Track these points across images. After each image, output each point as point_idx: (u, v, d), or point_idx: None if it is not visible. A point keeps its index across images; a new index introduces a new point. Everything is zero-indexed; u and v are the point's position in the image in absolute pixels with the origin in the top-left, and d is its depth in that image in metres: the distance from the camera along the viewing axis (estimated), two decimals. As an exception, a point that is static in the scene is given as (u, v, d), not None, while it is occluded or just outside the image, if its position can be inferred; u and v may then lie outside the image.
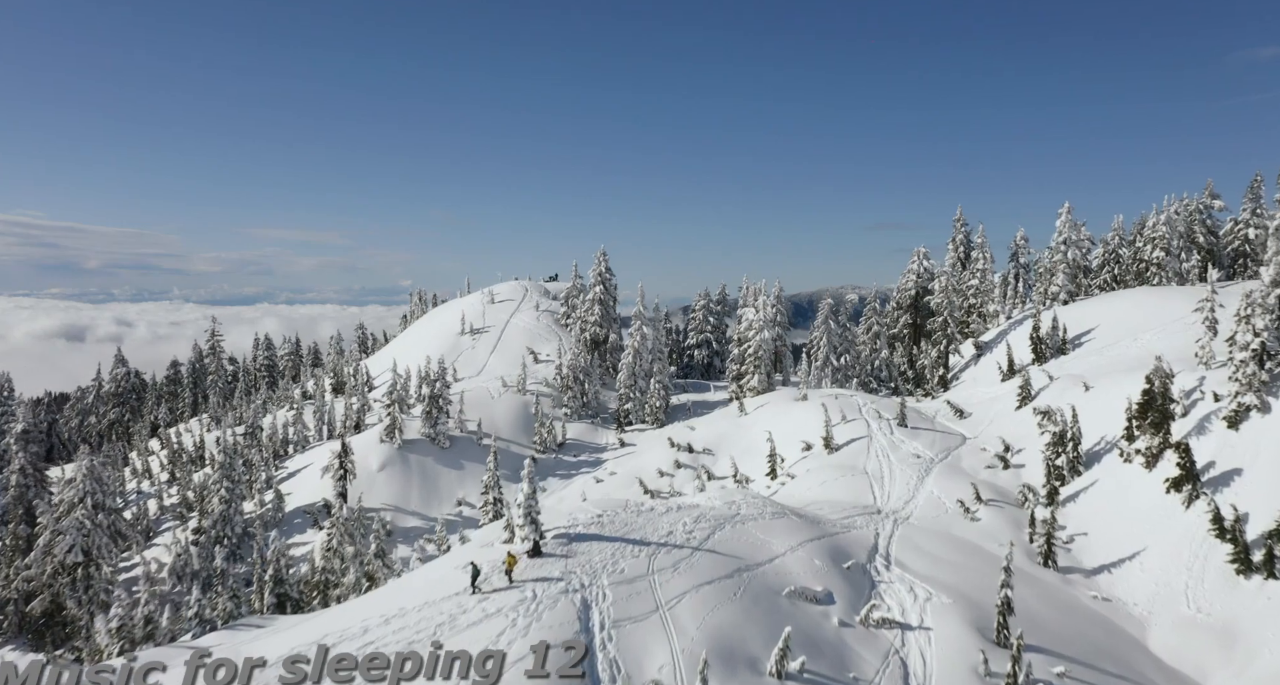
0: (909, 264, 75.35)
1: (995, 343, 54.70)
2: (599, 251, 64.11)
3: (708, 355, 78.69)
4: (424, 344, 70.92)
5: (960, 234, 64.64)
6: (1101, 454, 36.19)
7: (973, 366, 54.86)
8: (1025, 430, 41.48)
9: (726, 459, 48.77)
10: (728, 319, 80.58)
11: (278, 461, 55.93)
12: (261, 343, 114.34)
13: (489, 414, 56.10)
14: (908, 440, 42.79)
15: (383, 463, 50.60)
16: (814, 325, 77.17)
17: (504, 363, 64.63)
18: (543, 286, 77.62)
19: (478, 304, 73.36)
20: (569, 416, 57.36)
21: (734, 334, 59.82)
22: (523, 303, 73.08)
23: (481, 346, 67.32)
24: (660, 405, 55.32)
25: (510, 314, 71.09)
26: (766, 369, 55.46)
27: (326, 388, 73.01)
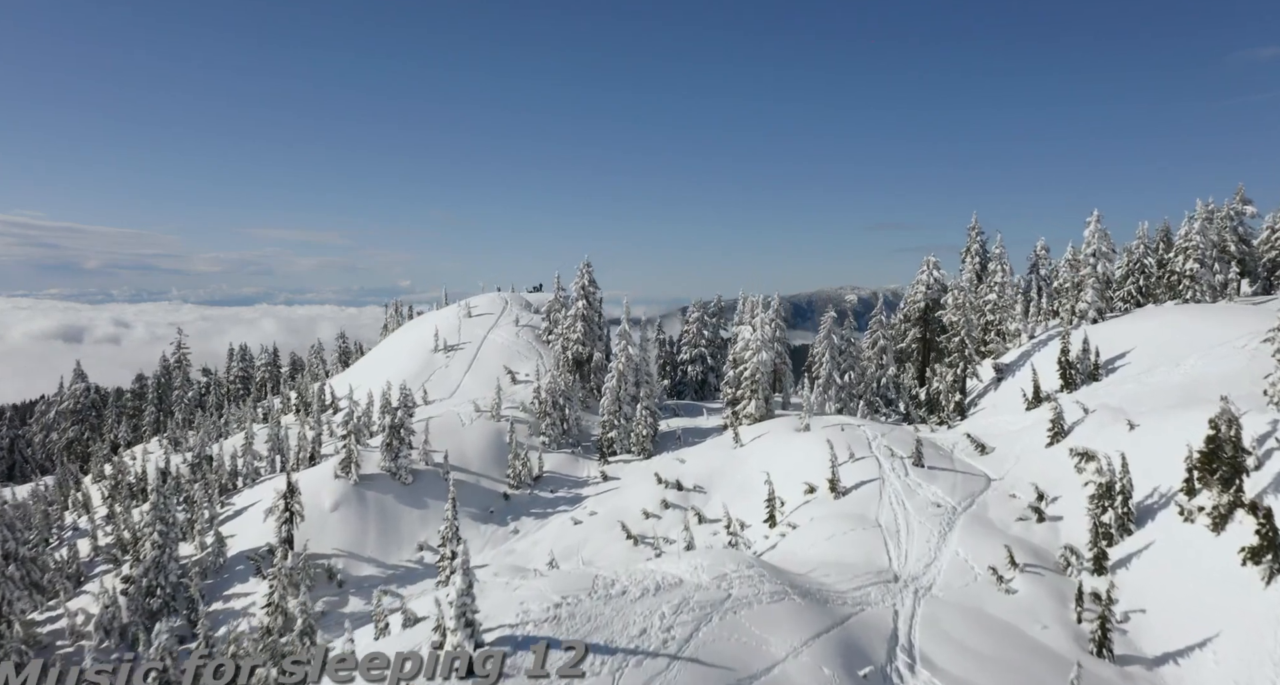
0: (918, 274, 70.25)
1: (1018, 366, 49.52)
2: (582, 262, 58.93)
3: (702, 371, 73.52)
4: (394, 361, 65.74)
5: (975, 243, 59.51)
6: (1155, 509, 30.97)
7: (993, 392, 49.66)
8: (1060, 472, 36.27)
9: (719, 498, 43.60)
10: (723, 333, 75.45)
11: (225, 496, 50.69)
12: (236, 353, 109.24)
13: (458, 443, 50.86)
14: (925, 483, 37.57)
15: (336, 501, 45.35)
16: (816, 339, 72.11)
17: (479, 383, 59.41)
18: (523, 299, 72.29)
19: (453, 318, 68.08)
20: (547, 446, 52.15)
21: (730, 354, 54.61)
22: (501, 317, 67.79)
23: (455, 365, 62.08)
24: (647, 434, 50.12)
25: (488, 329, 65.81)
26: (764, 393, 50.27)
27: (280, 408, 67.79)
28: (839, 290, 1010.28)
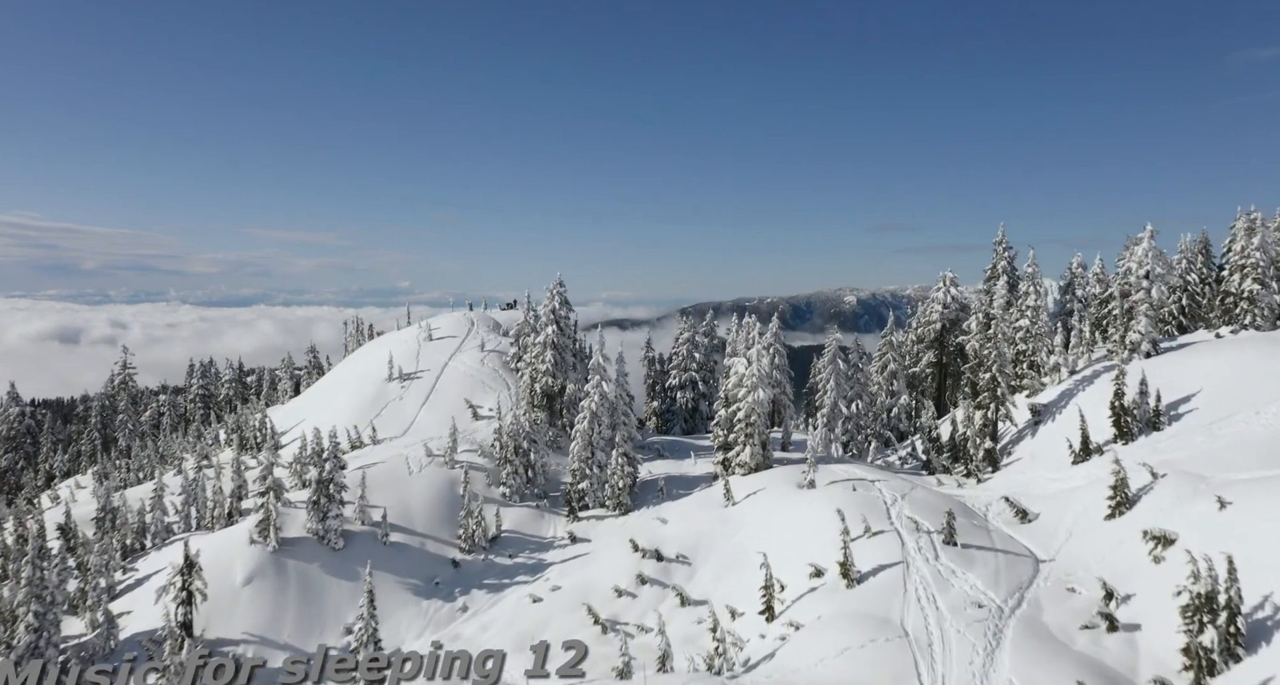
0: (933, 291, 63.04)
1: (1058, 407, 42.19)
2: (553, 281, 51.58)
3: (692, 398, 66.25)
4: (343, 392, 58.46)
5: (1003, 260, 52.16)
6: (1270, 628, 23.73)
7: (1029, 438, 42.31)
8: (1130, 560, 28.97)
9: (707, 571, 36.33)
10: (717, 356, 68.18)
11: (130, 560, 43.35)
12: (197, 368, 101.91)
13: (404, 496, 43.55)
14: (960, 569, 30.23)
15: (250, 573, 37.98)
16: (820, 365, 64.93)
17: (437, 418, 52.03)
18: (491, 319, 64.80)
19: (412, 341, 60.64)
20: (508, 497, 44.83)
21: (722, 388, 47.31)
22: (466, 340, 60.35)
23: (411, 397, 54.71)
24: (624, 485, 42.78)
25: (449, 355, 58.39)
26: (761, 437, 42.97)
27: (225, 440, 60.41)
28: (838, 291, 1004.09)
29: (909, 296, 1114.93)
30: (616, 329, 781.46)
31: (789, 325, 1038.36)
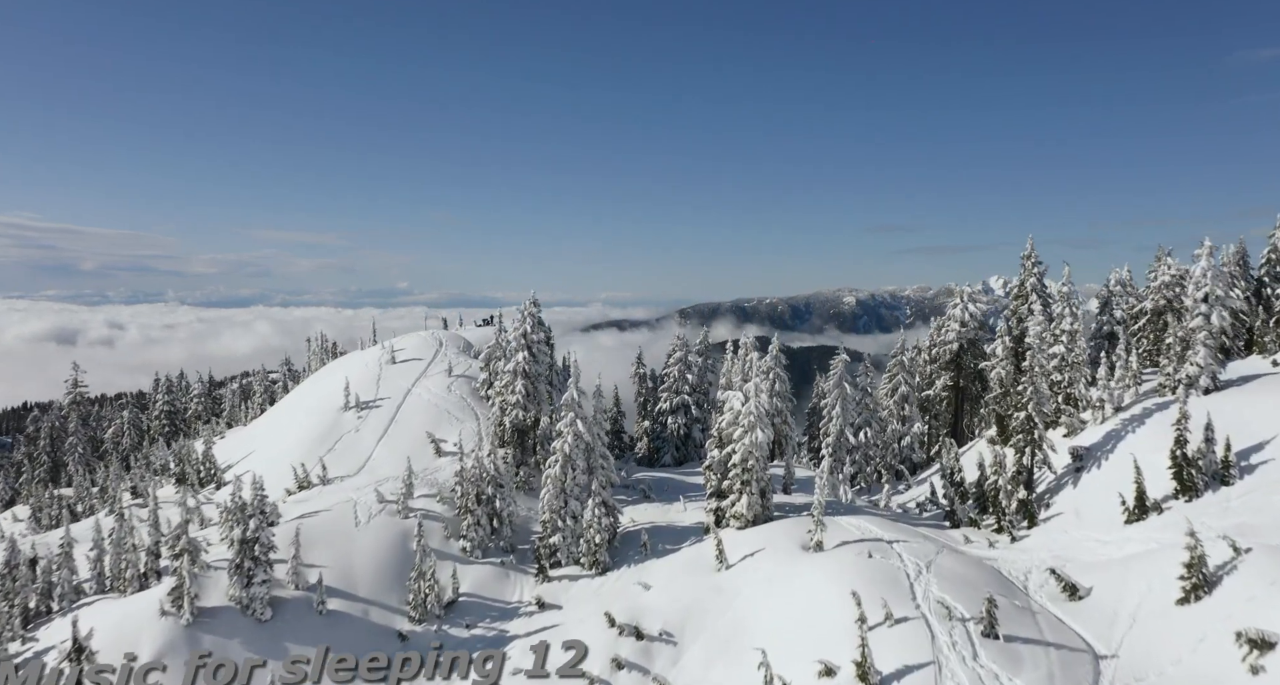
0: (950, 309, 57.40)
1: (1103, 451, 36.46)
2: (526, 299, 45.78)
3: (685, 424, 60.60)
4: (294, 423, 52.69)
5: (1032, 277, 46.37)
6: None
7: (1070, 487, 36.55)
8: (1214, 662, 23.28)
9: (695, 654, 30.57)
10: (711, 376, 62.53)
11: (30, 627, 37.51)
12: (163, 383, 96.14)
13: (348, 553, 37.81)
14: (1004, 673, 24.45)
15: (158, 652, 32.05)
16: (826, 389, 59.34)
17: (395, 454, 46.24)
18: (461, 340, 58.83)
19: (373, 364, 54.77)
20: (469, 552, 39.10)
21: (714, 425, 41.59)
22: (432, 363, 54.50)
23: (368, 429, 48.89)
24: (602, 541, 37.05)
25: (414, 380, 52.60)
26: (760, 485, 37.23)
27: (173, 470, 54.61)
28: (837, 292, 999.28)
29: (908, 297, 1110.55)
30: (615, 330, 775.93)
31: (788, 326, 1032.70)
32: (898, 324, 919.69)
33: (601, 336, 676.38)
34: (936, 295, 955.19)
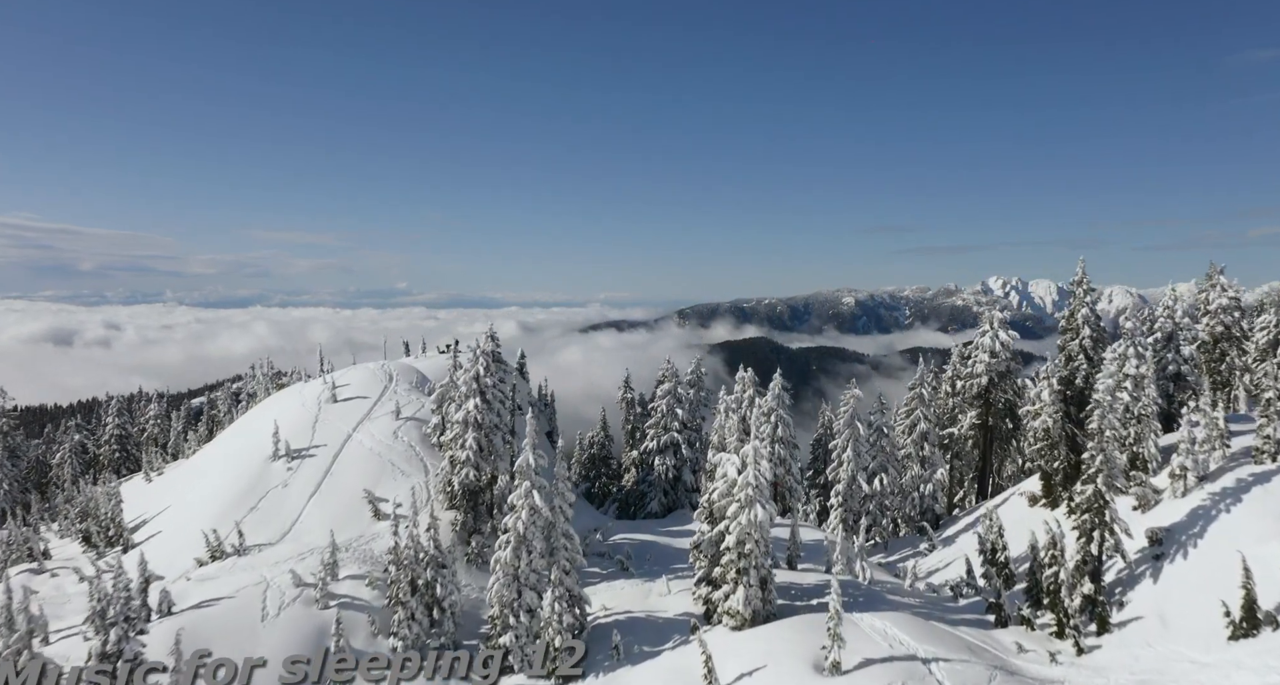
0: (977, 335, 50.05)
1: (1192, 535, 29.18)
2: (484, 333, 38.35)
3: (674, 465, 53.21)
4: (218, 471, 45.19)
5: (1084, 308, 38.93)
6: None
7: (1149, 581, 29.21)
8: None
9: None
10: (705, 409, 55.22)
11: None
12: (113, 405, 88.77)
13: (248, 654, 30.46)
14: None
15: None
16: (835, 425, 52.09)
17: (327, 516, 38.90)
18: (415, 373, 51.06)
19: (311, 402, 47.19)
20: (403, 652, 31.69)
21: (706, 492, 34.19)
22: (379, 402, 46.94)
23: (298, 484, 41.40)
24: (563, 642, 29.66)
25: (356, 422, 45.14)
26: (760, 573, 29.89)
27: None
28: (836, 292, 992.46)
29: (908, 298, 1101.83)
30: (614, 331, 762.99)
31: (787, 327, 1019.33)
32: (897, 325, 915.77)
33: (600, 337, 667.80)
34: (936, 295, 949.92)
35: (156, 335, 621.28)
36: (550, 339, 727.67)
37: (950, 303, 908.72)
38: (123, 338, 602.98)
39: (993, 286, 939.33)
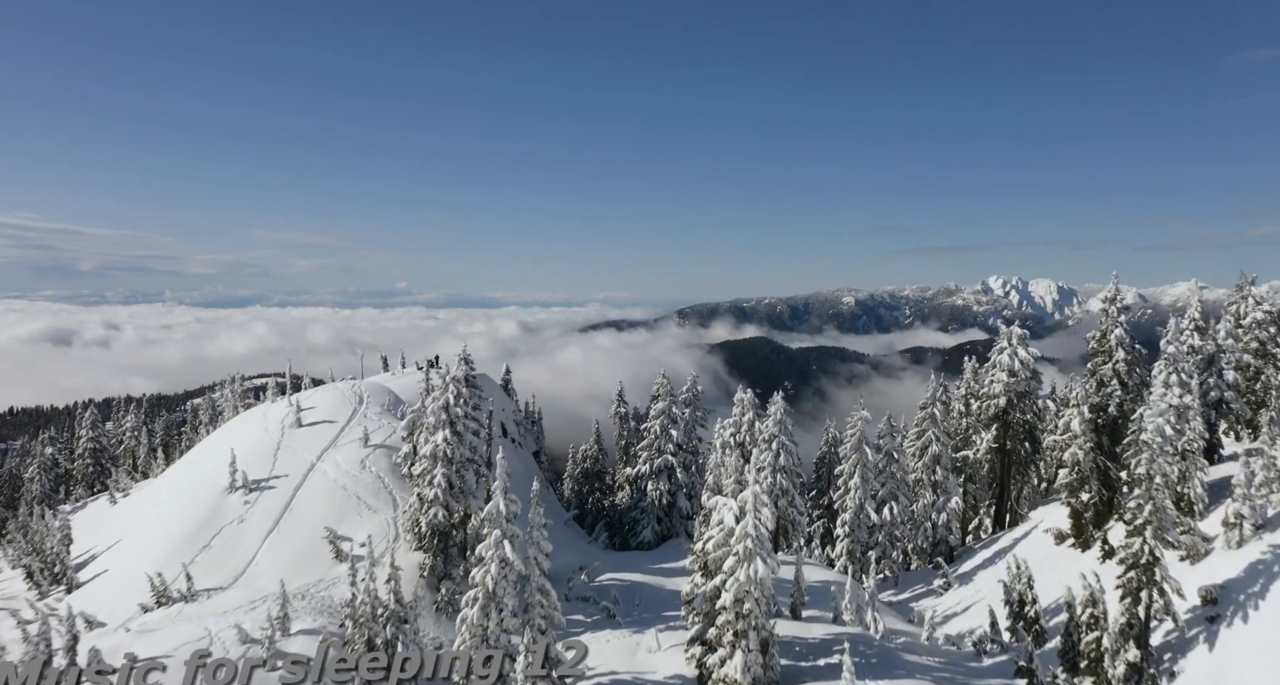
0: (994, 352, 46.55)
1: (1250, 593, 25.67)
2: (458, 353, 34.82)
3: (669, 490, 49.69)
4: (171, 504, 41.64)
5: (1117, 328, 35.39)
6: None
7: (1202, 646, 25.68)
8: None
9: None
10: (701, 430, 51.71)
11: None
12: (87, 417, 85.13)
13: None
14: None
15: None
16: (842, 452, 48.56)
17: (284, 558, 35.37)
18: (388, 394, 47.19)
19: (274, 427, 43.59)
20: (358, 721, 28.17)
21: (698, 541, 30.64)
22: (347, 427, 43.24)
23: (256, 520, 37.82)
24: (539, 713, 26.15)
25: (321, 450, 41.56)
26: (760, 635, 26.40)
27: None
28: (836, 292, 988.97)
29: (908, 297, 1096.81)
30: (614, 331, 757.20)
31: (787, 326, 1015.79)
32: (897, 324, 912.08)
33: (600, 337, 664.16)
34: (936, 295, 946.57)
35: (156, 335, 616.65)
36: (550, 339, 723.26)
37: (950, 302, 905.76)
38: (122, 338, 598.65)
39: (993, 286, 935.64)
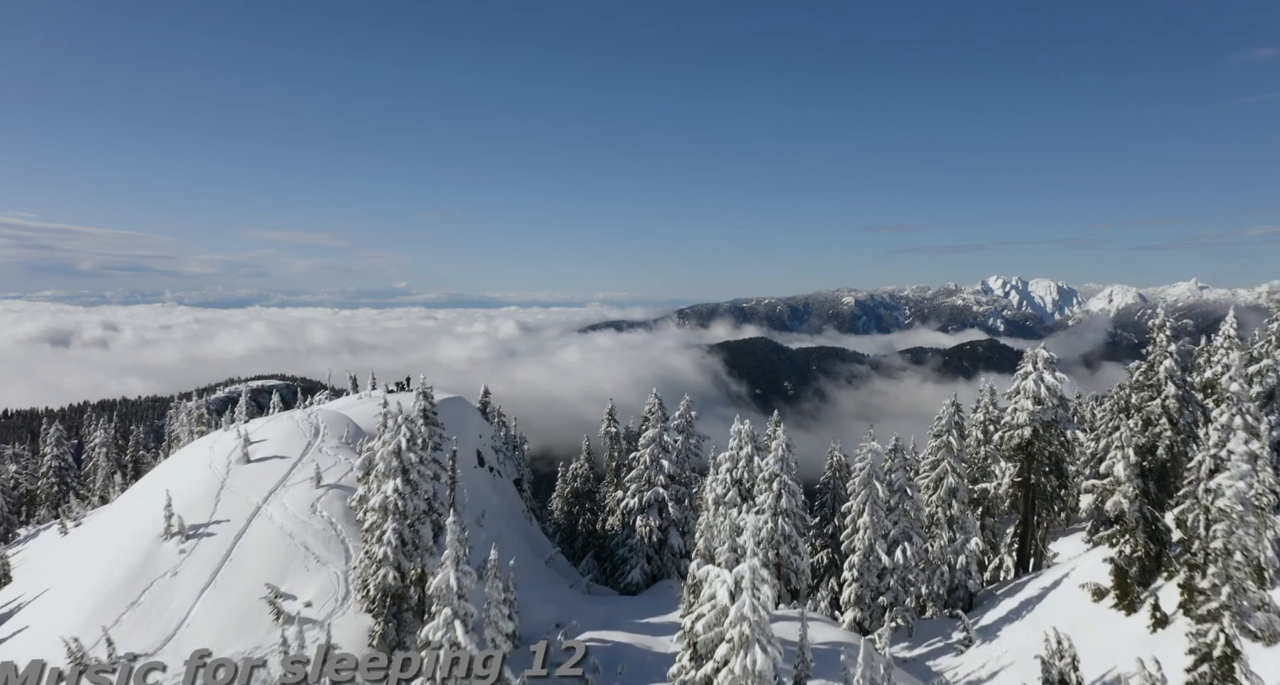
0: (1017, 379, 42.28)
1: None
2: (416, 388, 30.51)
3: (660, 527, 45.55)
4: (101, 553, 37.26)
5: (1167, 357, 30.98)
6: None
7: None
8: None
9: None
10: (696, 459, 47.50)
11: None
12: (51, 436, 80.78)
13: None
14: None
15: None
16: (850, 487, 44.35)
17: (222, 614, 31.04)
18: (347, 423, 42.43)
19: (220, 462, 39.14)
20: None
21: (689, 606, 26.34)
22: (300, 463, 38.81)
23: (191, 572, 33.40)
24: None
25: (269, 491, 37.12)
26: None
27: None
28: (836, 292, 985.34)
29: (907, 297, 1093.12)
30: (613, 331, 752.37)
31: (786, 327, 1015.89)
32: (897, 324, 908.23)
33: (599, 337, 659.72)
34: (936, 295, 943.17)
35: (154, 336, 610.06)
36: (549, 339, 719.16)
37: (950, 303, 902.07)
38: (120, 338, 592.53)
39: (993, 286, 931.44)
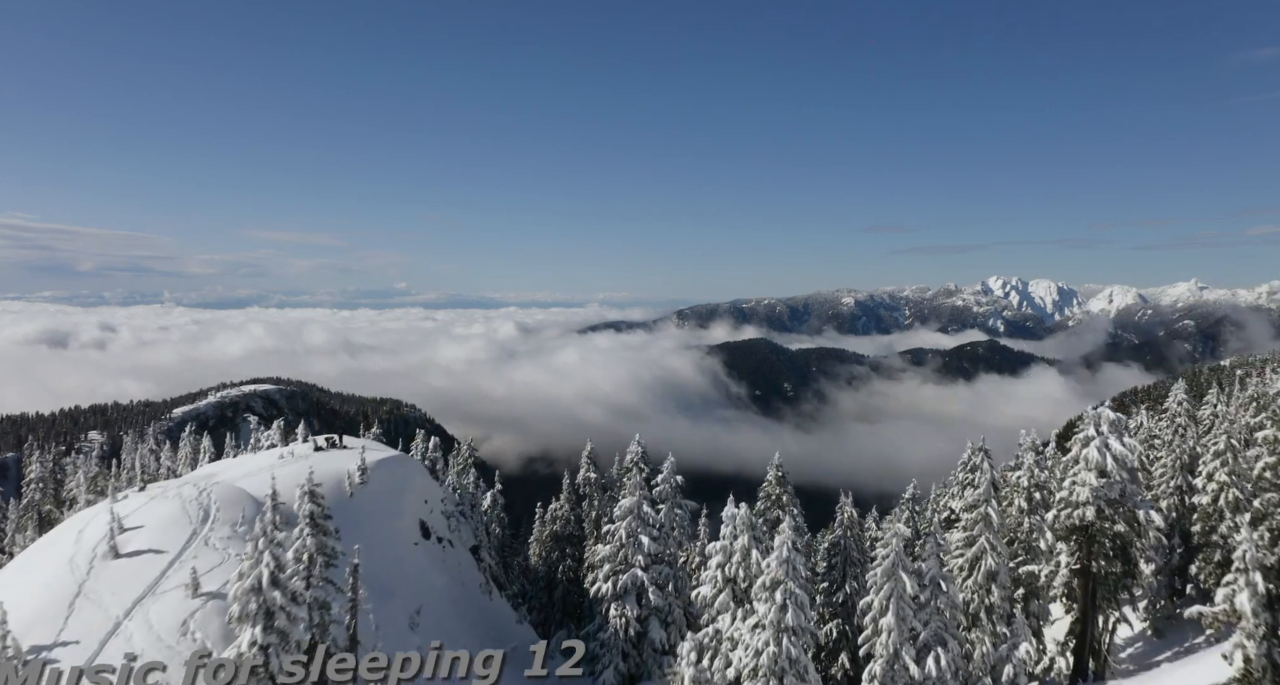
0: (1077, 445, 34.43)
1: None
2: (300, 485, 22.69)
3: (639, 617, 37.47)
4: None
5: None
6: None
7: None
8: None
9: None
10: (681, 533, 39.54)
11: None
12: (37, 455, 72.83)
13: None
14: None
15: None
16: (871, 574, 36.32)
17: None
18: (246, 500, 32.09)
19: (83, 558, 29.69)
20: None
21: None
22: (179, 560, 29.78)
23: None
24: None
25: (135, 601, 28.48)
26: None
27: None
28: (836, 293, 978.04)
29: (907, 298, 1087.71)
30: (613, 332, 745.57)
31: (786, 327, 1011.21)
32: (897, 325, 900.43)
33: (598, 338, 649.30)
34: (936, 295, 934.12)
35: (152, 337, 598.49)
36: (549, 340, 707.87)
37: (950, 303, 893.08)
38: (118, 339, 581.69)
39: (993, 286, 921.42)
